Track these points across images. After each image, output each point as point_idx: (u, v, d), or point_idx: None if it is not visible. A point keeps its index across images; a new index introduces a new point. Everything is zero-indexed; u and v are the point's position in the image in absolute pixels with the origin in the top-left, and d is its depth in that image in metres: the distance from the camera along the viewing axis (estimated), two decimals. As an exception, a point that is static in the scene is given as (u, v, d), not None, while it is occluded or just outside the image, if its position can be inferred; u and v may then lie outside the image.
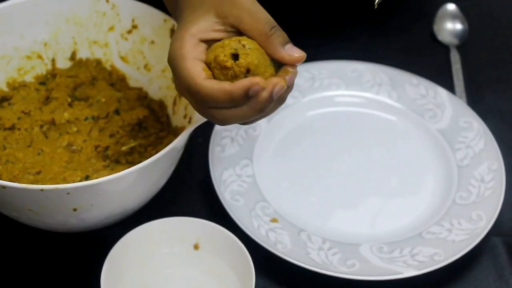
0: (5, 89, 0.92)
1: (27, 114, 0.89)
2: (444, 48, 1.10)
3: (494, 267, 0.86)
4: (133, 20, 0.92)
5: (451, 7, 1.14)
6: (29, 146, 0.86)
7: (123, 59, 0.94)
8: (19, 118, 0.88)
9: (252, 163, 0.92)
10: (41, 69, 0.94)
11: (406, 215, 0.90)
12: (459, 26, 1.12)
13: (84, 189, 0.75)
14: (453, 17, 1.13)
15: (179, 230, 0.82)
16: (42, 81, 0.94)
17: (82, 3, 0.93)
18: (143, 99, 0.92)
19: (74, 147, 0.86)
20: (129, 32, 0.93)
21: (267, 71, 0.70)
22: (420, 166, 0.95)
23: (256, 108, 0.69)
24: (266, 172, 0.92)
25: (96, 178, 0.74)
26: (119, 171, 0.75)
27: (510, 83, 1.07)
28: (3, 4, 0.90)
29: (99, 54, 0.95)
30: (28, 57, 0.93)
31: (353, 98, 1.01)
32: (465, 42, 1.11)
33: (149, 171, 0.78)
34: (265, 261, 0.83)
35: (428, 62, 1.08)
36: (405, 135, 0.98)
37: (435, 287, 0.85)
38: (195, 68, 0.69)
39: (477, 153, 0.94)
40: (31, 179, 0.82)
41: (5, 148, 0.86)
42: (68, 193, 0.74)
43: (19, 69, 0.93)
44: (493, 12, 1.17)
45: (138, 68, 0.94)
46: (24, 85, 0.93)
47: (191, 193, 0.91)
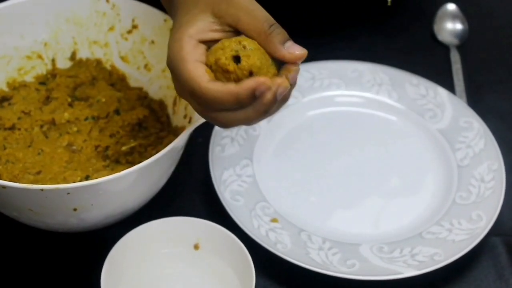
0: (5, 89, 0.92)
1: (27, 114, 0.89)
2: (444, 48, 1.10)
3: (494, 267, 0.86)
4: (133, 20, 0.92)
5: (451, 7, 1.14)
6: (29, 146, 0.86)
7: (123, 59, 0.94)
8: (19, 118, 0.88)
9: (252, 163, 0.92)
10: (41, 69, 0.94)
11: (406, 215, 0.90)
12: (459, 26, 1.12)
13: (84, 189, 0.75)
14: (453, 17, 1.13)
15: (179, 230, 0.82)
16: (42, 81, 0.94)
17: (82, 3, 0.93)
18: (143, 99, 0.92)
19: (74, 147, 0.86)
20: (129, 32, 0.93)
21: (269, 71, 0.69)
22: (420, 166, 0.95)
23: (261, 110, 0.68)
24: (266, 172, 0.92)
25: (96, 178, 0.74)
26: (119, 171, 0.75)
27: (510, 83, 1.07)
28: (3, 4, 0.90)
29: (99, 54, 0.95)
30: (28, 57, 0.93)
31: (353, 98, 1.01)
32: (465, 42, 1.11)
33: (149, 171, 0.78)
34: (265, 261, 0.83)
35: (428, 62, 1.08)
36: (405, 135, 0.98)
37: (435, 287, 0.85)
38: (197, 70, 0.68)
39: (477, 153, 0.94)
40: (31, 179, 0.82)
41: (5, 148, 0.86)
42: (68, 193, 0.74)
43: (19, 69, 0.93)
44: (493, 12, 1.17)
45: (138, 68, 0.94)
46: (24, 85, 0.93)
47: (191, 193, 0.91)
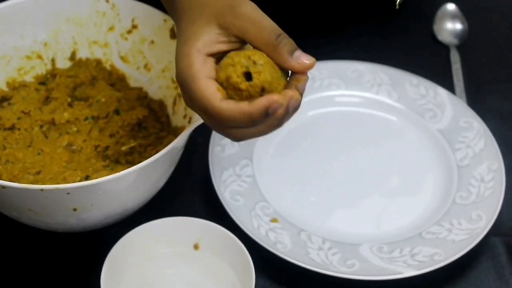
0: (5, 89, 0.92)
1: (27, 114, 0.89)
2: (444, 48, 1.10)
3: (494, 267, 0.86)
4: (133, 20, 0.92)
5: (451, 7, 1.14)
6: (29, 146, 0.86)
7: (123, 59, 0.94)
8: (19, 118, 0.88)
9: (252, 163, 0.92)
10: (41, 69, 0.94)
11: (406, 215, 0.90)
12: (459, 26, 1.12)
13: (84, 189, 0.75)
14: (453, 17, 1.13)
15: (179, 230, 0.82)
16: (42, 81, 0.94)
17: (82, 3, 0.93)
18: (143, 99, 0.92)
19: (74, 147, 0.86)
20: (129, 32, 0.93)
21: (280, 84, 0.68)
22: (420, 166, 0.95)
23: (274, 124, 0.68)
24: (266, 172, 0.92)
25: (96, 178, 0.74)
26: (119, 171, 0.75)
27: (510, 83, 1.07)
28: (3, 4, 0.90)
29: (99, 54, 0.95)
30: (28, 57, 0.93)
31: (353, 98, 1.01)
32: (465, 42, 1.11)
33: (149, 171, 0.78)
34: (265, 261, 0.83)
35: (428, 62, 1.08)
36: (405, 135, 0.98)
37: (435, 287, 0.85)
38: (209, 89, 0.67)
39: (477, 153, 0.94)
40: (31, 179, 0.82)
41: (5, 148, 0.86)
42: (68, 193, 0.74)
43: (19, 69, 0.93)
44: (493, 12, 1.17)
45: (138, 68, 0.94)
46: (24, 85, 0.93)
47: (191, 193, 0.91)
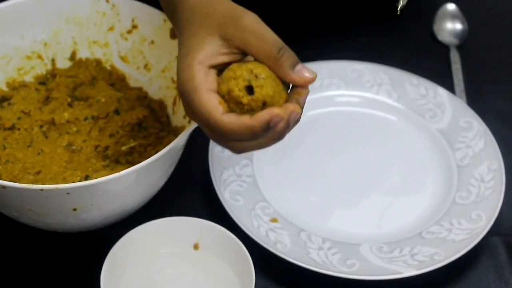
0: (5, 89, 0.92)
1: (27, 114, 0.89)
2: (444, 48, 1.10)
3: (494, 266, 0.86)
4: (133, 20, 0.92)
5: (451, 7, 1.14)
6: (29, 146, 0.86)
7: (123, 59, 0.94)
8: (19, 118, 0.88)
9: (252, 163, 0.92)
10: (41, 69, 0.94)
11: (406, 214, 0.90)
12: (459, 26, 1.12)
13: (84, 189, 0.75)
14: (453, 17, 1.13)
15: (179, 230, 0.82)
16: (42, 81, 0.94)
17: (82, 3, 0.93)
18: (143, 99, 0.92)
19: (74, 147, 0.86)
20: (129, 32, 0.93)
21: (281, 97, 0.68)
22: (420, 166, 0.95)
23: (274, 137, 0.69)
24: (266, 172, 0.92)
25: (96, 178, 0.74)
26: (119, 171, 0.75)
27: (510, 83, 1.07)
28: (3, 4, 0.90)
29: (99, 54, 0.95)
30: (28, 57, 0.93)
31: (353, 98, 1.01)
32: (465, 42, 1.11)
33: (149, 171, 0.78)
34: (265, 261, 0.83)
35: (428, 62, 1.08)
36: (405, 135, 0.98)
37: (435, 287, 0.85)
38: (211, 102, 0.67)
39: (477, 153, 0.94)
40: (31, 179, 0.82)
41: (5, 148, 0.86)
42: (68, 193, 0.74)
43: (19, 69, 0.93)
44: (493, 12, 1.17)
45: (138, 68, 0.94)
46: (24, 85, 0.93)
47: (191, 193, 0.91)
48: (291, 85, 0.70)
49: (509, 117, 1.02)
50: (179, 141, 0.78)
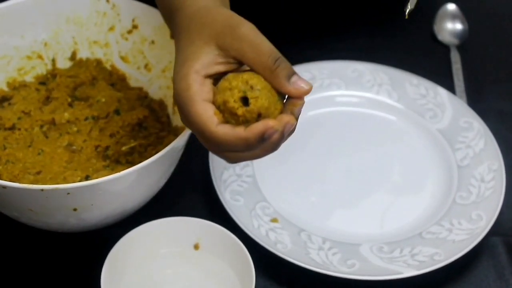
0: (5, 89, 0.92)
1: (27, 114, 0.89)
2: (444, 48, 1.10)
3: (494, 267, 0.86)
4: (133, 20, 0.92)
5: (451, 7, 1.14)
6: (29, 146, 0.86)
7: (123, 59, 0.94)
8: (19, 118, 0.88)
9: (252, 163, 0.92)
10: (41, 69, 0.94)
11: (406, 214, 0.90)
12: (459, 26, 1.12)
13: (84, 189, 0.75)
14: (453, 17, 1.13)
15: (179, 230, 0.82)
16: (42, 81, 0.94)
17: (83, 3, 0.93)
18: (143, 99, 0.93)
19: (74, 147, 0.86)
20: (129, 32, 0.93)
21: (276, 108, 0.69)
22: (420, 166, 0.95)
23: (269, 148, 0.69)
24: (266, 172, 0.92)
25: (96, 178, 0.74)
26: (119, 171, 0.75)
27: (510, 83, 1.07)
28: (3, 4, 0.90)
29: (99, 54, 0.95)
30: (28, 57, 0.93)
31: (353, 98, 1.01)
32: (465, 42, 1.11)
33: (149, 171, 0.78)
34: (265, 261, 0.83)
35: (428, 62, 1.08)
36: (405, 135, 0.98)
37: (435, 287, 0.85)
38: (206, 112, 0.68)
39: (477, 153, 0.94)
40: (31, 179, 0.82)
41: (5, 148, 0.86)
42: (68, 193, 0.74)
43: (19, 69, 0.93)
44: (493, 12, 1.17)
45: (138, 68, 0.94)
46: (24, 85, 0.93)
47: (191, 193, 0.91)
48: (286, 96, 0.70)
49: (509, 117, 1.02)
50: (180, 141, 0.78)
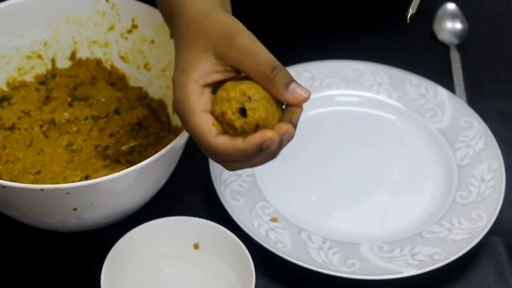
0: (5, 88, 0.92)
1: (27, 113, 0.89)
2: (444, 48, 1.10)
3: (494, 266, 0.86)
4: (133, 20, 0.92)
5: (451, 6, 1.14)
6: (29, 146, 0.86)
7: (123, 58, 0.94)
8: (19, 118, 0.88)
9: (252, 163, 0.92)
10: (41, 68, 0.94)
11: (406, 214, 0.90)
12: (459, 26, 1.12)
13: (84, 188, 0.75)
14: (453, 16, 1.13)
15: (179, 230, 0.82)
16: (42, 81, 0.94)
17: (82, 2, 0.93)
18: (143, 98, 0.92)
19: (74, 147, 0.86)
20: (129, 31, 0.93)
21: (274, 117, 0.69)
22: (420, 165, 0.95)
23: (267, 157, 0.69)
24: (266, 172, 0.92)
25: (96, 178, 0.74)
26: (119, 170, 0.75)
27: (510, 82, 1.07)
28: (3, 4, 0.90)
29: (99, 53, 0.95)
30: (28, 57, 0.93)
31: (353, 97, 1.01)
32: (465, 42, 1.11)
33: (149, 170, 0.78)
34: (266, 261, 0.83)
35: (428, 61, 1.08)
36: (405, 134, 0.98)
37: (435, 287, 0.85)
38: (205, 124, 0.68)
39: (477, 152, 0.94)
40: (31, 178, 0.82)
41: (5, 148, 0.86)
42: (68, 193, 0.74)
43: (19, 69, 0.93)
44: (493, 11, 1.17)
45: (138, 68, 0.94)
46: (24, 84, 0.93)
47: (191, 192, 0.91)
48: (286, 107, 0.70)
49: (509, 116, 1.02)
50: (179, 141, 0.78)
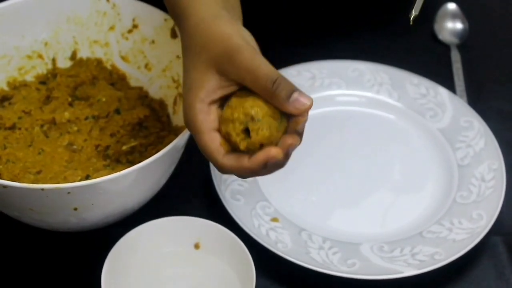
0: (5, 88, 0.92)
1: (28, 113, 0.89)
2: (445, 48, 1.10)
3: (494, 266, 0.86)
4: (133, 20, 0.92)
5: (451, 6, 1.14)
6: (29, 146, 0.86)
7: (124, 58, 0.94)
8: (19, 118, 0.88)
9: (252, 163, 0.92)
10: (42, 68, 0.94)
11: (407, 214, 0.90)
12: (459, 26, 1.12)
13: (84, 188, 0.75)
14: (453, 16, 1.13)
15: (180, 230, 0.82)
16: (43, 81, 0.94)
17: (83, 2, 0.93)
18: (143, 98, 0.93)
19: (74, 147, 0.86)
20: (129, 31, 0.93)
21: (279, 130, 0.71)
22: (421, 165, 0.95)
23: (273, 170, 0.72)
24: (267, 172, 0.92)
25: (97, 178, 0.74)
26: (119, 170, 0.75)
27: (511, 82, 1.07)
28: (3, 4, 0.90)
29: (99, 53, 0.95)
30: (29, 57, 0.94)
31: (353, 97, 1.01)
32: (465, 42, 1.11)
33: (149, 170, 0.78)
34: (266, 261, 0.83)
35: (428, 61, 1.08)
36: (405, 134, 0.98)
37: (435, 286, 0.85)
38: (213, 144, 0.71)
39: (478, 152, 0.94)
40: (31, 178, 0.82)
41: (5, 148, 0.86)
42: (69, 193, 0.74)
43: (19, 69, 0.93)
44: (493, 11, 1.17)
45: (139, 68, 0.94)
46: (24, 84, 0.93)
47: (191, 192, 0.91)
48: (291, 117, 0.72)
49: (510, 116, 1.02)
50: (180, 141, 0.78)
